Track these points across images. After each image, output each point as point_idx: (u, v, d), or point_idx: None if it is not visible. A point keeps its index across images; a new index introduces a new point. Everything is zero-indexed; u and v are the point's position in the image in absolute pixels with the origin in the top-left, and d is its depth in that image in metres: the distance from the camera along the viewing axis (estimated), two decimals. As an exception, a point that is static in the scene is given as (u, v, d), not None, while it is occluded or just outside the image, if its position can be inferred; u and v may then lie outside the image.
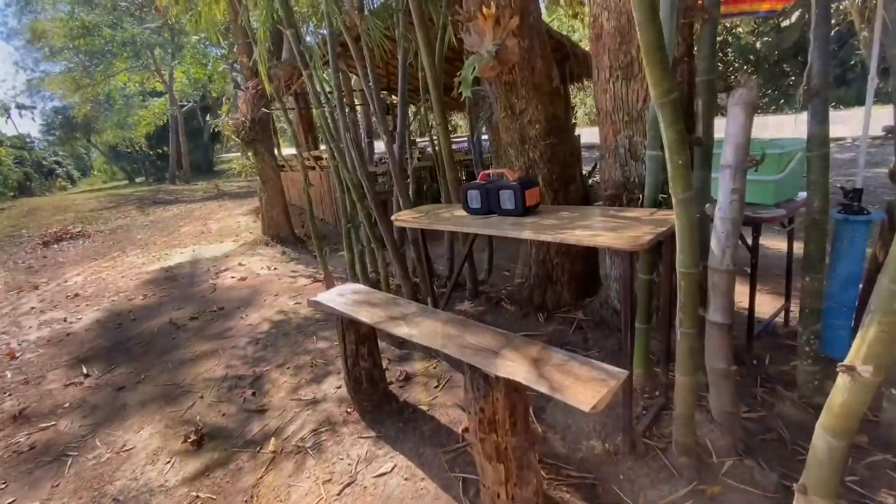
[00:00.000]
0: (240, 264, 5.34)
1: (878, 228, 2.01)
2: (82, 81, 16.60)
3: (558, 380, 1.35)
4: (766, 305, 2.79)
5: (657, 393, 2.05)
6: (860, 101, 14.39)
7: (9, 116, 21.57)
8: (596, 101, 2.34)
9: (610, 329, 2.67)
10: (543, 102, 2.61)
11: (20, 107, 22.03)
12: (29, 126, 38.06)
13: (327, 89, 3.22)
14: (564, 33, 6.85)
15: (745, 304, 2.33)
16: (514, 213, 2.08)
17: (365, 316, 1.95)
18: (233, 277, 4.89)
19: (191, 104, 19.78)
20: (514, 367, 1.41)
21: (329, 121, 3.07)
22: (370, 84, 3.10)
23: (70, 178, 29.14)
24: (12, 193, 19.01)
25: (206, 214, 10.49)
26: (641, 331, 2.01)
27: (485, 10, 2.40)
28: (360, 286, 2.41)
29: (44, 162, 24.65)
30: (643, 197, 2.02)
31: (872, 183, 5.58)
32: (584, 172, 3.69)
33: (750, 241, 2.19)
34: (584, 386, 1.30)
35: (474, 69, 2.39)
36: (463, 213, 2.32)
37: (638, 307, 1.99)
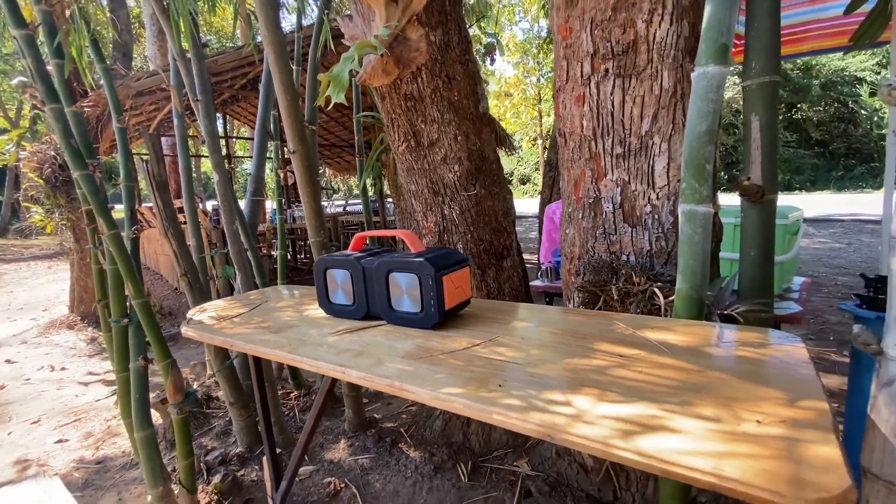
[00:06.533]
0: (7, 361, 3.53)
1: None
2: None
3: None
4: None
5: None
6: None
7: None
8: (558, 120, 1.39)
9: (575, 498, 1.62)
10: (466, 132, 1.68)
11: None
12: None
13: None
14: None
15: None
16: (421, 323, 1.00)
17: None
18: (-19, 385, 3.11)
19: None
20: None
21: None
22: (198, 91, 1.97)
23: None
24: None
25: (21, 278, 8.01)
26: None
27: (374, -25, 1.46)
28: None
29: None
30: (658, 292, 1.08)
31: None
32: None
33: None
34: None
35: (353, 61, 1.40)
36: (320, 312, 1.19)
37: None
